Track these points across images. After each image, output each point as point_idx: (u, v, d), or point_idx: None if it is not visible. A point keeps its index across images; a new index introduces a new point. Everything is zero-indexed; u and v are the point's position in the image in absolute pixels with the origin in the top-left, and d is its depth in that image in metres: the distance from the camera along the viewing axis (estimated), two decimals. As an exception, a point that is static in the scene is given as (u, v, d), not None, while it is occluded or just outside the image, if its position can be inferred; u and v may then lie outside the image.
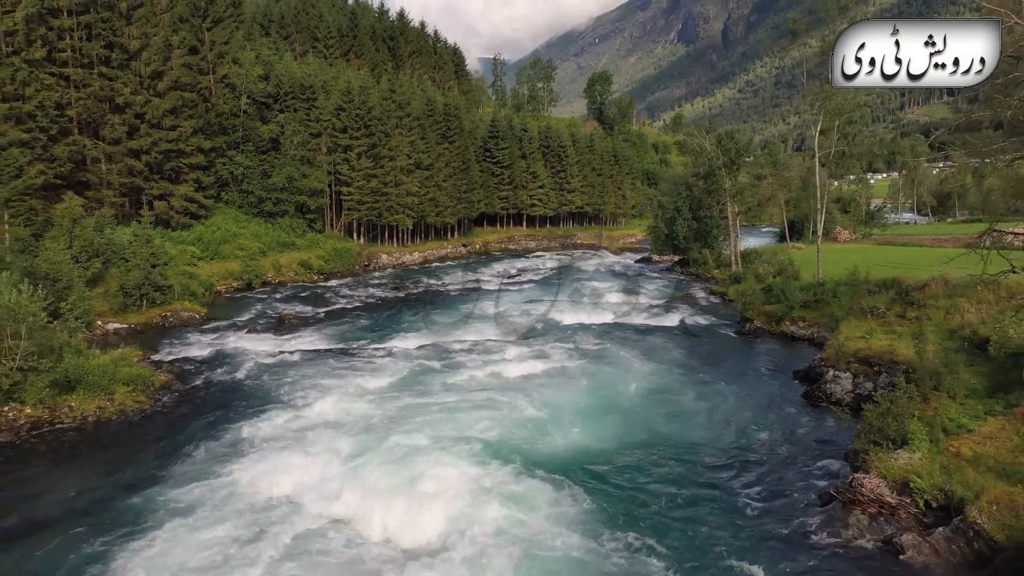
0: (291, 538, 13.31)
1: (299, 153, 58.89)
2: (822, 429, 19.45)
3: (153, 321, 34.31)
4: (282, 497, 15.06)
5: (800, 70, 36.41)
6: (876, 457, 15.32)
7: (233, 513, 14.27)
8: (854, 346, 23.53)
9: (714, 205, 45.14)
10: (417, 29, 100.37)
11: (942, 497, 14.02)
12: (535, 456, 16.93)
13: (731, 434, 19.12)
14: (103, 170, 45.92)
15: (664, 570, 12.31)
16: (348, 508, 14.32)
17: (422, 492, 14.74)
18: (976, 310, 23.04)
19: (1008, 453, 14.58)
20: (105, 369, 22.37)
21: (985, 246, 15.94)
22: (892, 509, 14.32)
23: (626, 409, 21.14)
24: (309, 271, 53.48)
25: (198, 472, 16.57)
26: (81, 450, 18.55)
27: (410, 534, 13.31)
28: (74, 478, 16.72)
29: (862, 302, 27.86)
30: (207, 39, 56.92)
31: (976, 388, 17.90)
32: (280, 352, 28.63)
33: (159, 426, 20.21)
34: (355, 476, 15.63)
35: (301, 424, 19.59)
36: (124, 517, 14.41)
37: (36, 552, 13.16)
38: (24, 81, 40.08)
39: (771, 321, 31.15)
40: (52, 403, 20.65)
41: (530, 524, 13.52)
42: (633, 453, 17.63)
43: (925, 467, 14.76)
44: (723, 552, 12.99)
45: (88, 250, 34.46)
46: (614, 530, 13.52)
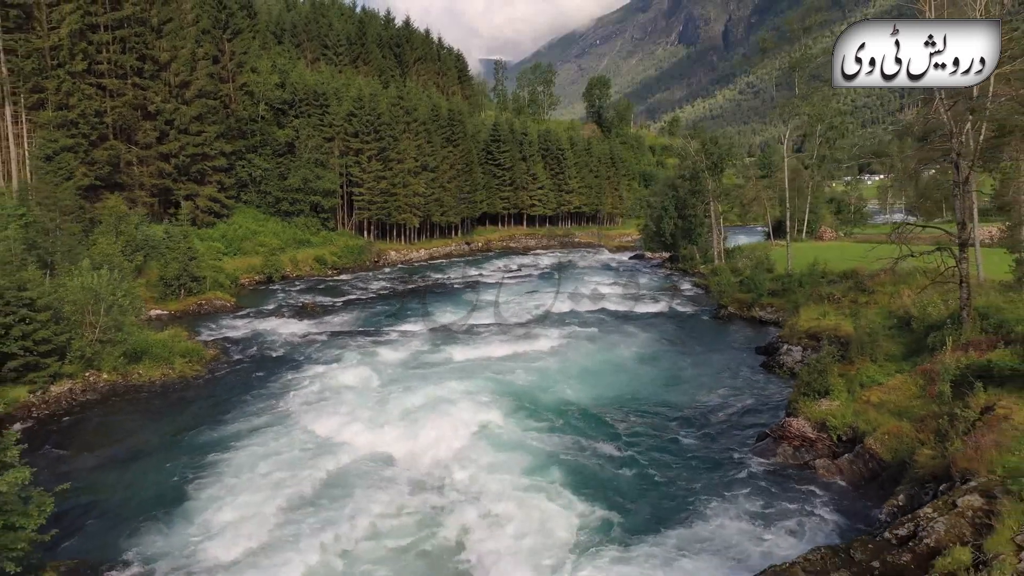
0: (333, 466, 16.92)
1: (313, 156, 62.79)
2: (771, 390, 23.25)
3: (190, 308, 38.15)
4: (322, 438, 18.75)
5: (792, 75, 39.78)
6: (804, 404, 19.12)
7: (284, 448, 17.99)
8: (806, 325, 27.38)
9: (698, 205, 48.95)
10: (422, 36, 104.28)
11: (850, 432, 17.81)
12: (528, 408, 20.73)
13: (696, 393, 22.91)
14: (136, 172, 49.79)
15: (629, 486, 16.05)
16: (376, 445, 18.02)
17: (436, 433, 18.45)
18: (911, 294, 26.81)
19: (905, 399, 18.33)
20: (165, 343, 26.26)
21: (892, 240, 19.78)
22: (812, 442, 18.11)
23: (609, 375, 24.93)
24: (323, 266, 57.34)
25: (252, 420, 20.36)
26: (154, 406, 22.39)
27: (425, 463, 16.99)
28: (152, 426, 20.55)
29: (820, 290, 31.74)
30: (227, 49, 60.84)
31: (895, 354, 21.67)
32: (307, 333, 32.48)
33: (215, 388, 24.05)
34: (380, 422, 19.38)
35: (332, 386, 23.35)
36: (195, 452, 18.10)
37: (133, 475, 16.91)
38: (68, 91, 43.98)
39: (743, 307, 34.96)
40: (124, 370, 24.49)
41: (521, 455, 17.31)
42: (613, 407, 21.41)
43: (840, 411, 18.55)
44: (679, 473, 16.75)
45: (131, 244, 38.32)
46: (591, 459, 17.30)
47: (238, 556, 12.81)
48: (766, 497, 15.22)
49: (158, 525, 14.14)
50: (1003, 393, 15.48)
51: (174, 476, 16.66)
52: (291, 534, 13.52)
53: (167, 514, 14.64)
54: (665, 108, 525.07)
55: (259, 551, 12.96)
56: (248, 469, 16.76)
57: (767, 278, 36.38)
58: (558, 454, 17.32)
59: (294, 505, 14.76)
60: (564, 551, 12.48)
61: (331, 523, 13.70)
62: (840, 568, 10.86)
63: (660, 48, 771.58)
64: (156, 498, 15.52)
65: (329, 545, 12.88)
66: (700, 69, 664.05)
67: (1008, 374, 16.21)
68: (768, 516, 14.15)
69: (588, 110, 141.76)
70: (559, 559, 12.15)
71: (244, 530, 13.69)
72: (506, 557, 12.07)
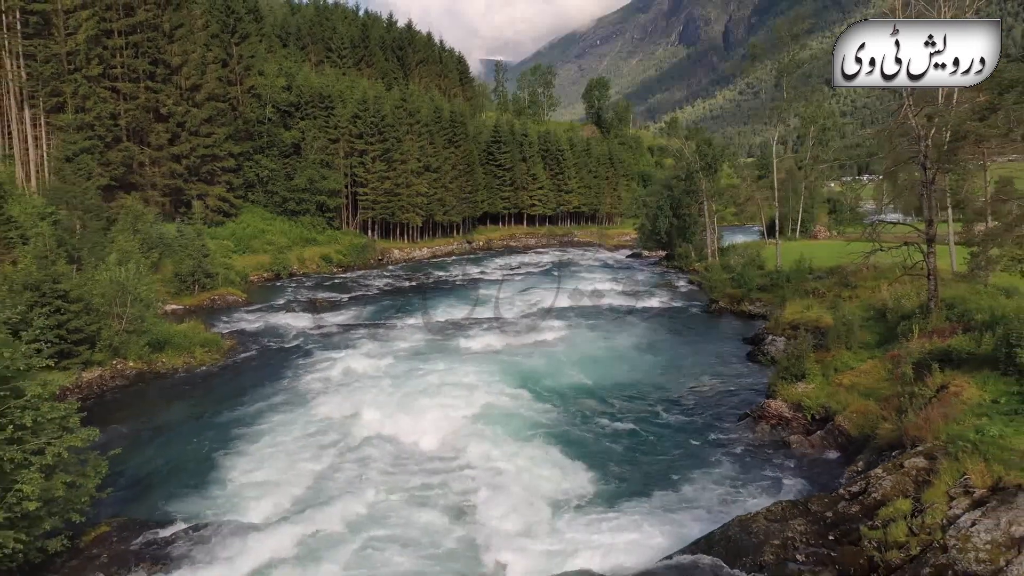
0: (347, 441, 18.54)
1: (319, 157, 64.43)
2: (755, 376, 24.84)
3: (204, 303, 39.78)
4: (337, 417, 20.32)
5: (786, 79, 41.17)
6: (782, 387, 20.75)
7: (302, 425, 19.58)
8: (790, 317, 28.98)
9: (693, 204, 50.55)
10: (424, 39, 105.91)
11: (823, 411, 19.41)
12: (529, 391, 22.34)
13: (685, 380, 24.50)
14: (148, 173, 51.42)
15: (620, 457, 17.64)
16: (387, 424, 19.55)
17: (442, 412, 20.03)
18: (889, 288, 28.42)
19: (874, 382, 19.93)
20: (185, 334, 27.90)
21: (866, 237, 21.38)
22: (788, 421, 19.71)
23: (606, 363, 26.52)
24: (329, 264, 58.98)
25: (271, 402, 21.97)
26: (179, 390, 24.01)
27: (432, 437, 18.53)
28: (179, 407, 22.16)
29: (806, 285, 33.38)
30: (235, 53, 62.48)
31: (869, 342, 23.28)
32: (317, 326, 34.10)
33: (235, 375, 25.68)
34: (390, 403, 20.95)
35: (344, 372, 24.96)
36: (220, 429, 19.67)
37: (165, 448, 18.49)
38: (85, 95, 45.62)
39: (733, 302, 36.56)
40: (149, 359, 26.11)
41: (521, 429, 18.92)
42: (608, 390, 23.01)
43: (815, 393, 20.17)
44: (665, 447, 18.34)
45: (147, 242, 39.94)
46: (587, 434, 18.90)
47: (268, 516, 14.39)
48: (743, 467, 16.82)
49: (193, 489, 15.76)
50: (958, 374, 17.07)
51: (203, 449, 18.27)
52: (312, 497, 15.12)
53: (200, 480, 16.25)
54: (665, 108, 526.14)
55: (286, 512, 14.55)
56: (270, 444, 18.38)
57: (757, 274, 37.99)
58: (556, 430, 18.94)
59: (314, 473, 16.36)
60: (559, 509, 14.08)
61: (347, 489, 15.29)
62: (797, 517, 12.46)
63: (660, 48, 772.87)
64: (189, 467, 17.13)
65: (346, 507, 14.45)
66: (700, 69, 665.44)
67: (965, 357, 17.86)
68: (743, 481, 15.74)
69: (588, 111, 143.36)
70: (554, 516, 13.76)
71: (270, 494, 15.29)
72: (504, 516, 13.67)
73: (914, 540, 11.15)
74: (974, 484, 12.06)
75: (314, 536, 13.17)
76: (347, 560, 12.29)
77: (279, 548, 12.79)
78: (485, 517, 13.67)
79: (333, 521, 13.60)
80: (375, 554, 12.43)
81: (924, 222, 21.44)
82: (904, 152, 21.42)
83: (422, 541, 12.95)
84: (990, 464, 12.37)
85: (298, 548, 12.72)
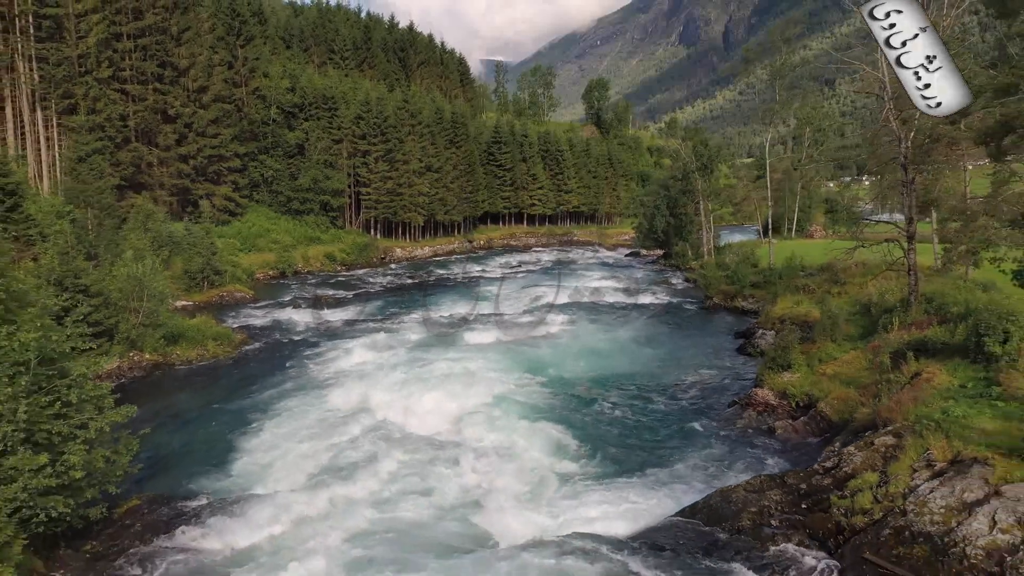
0: (357, 426, 19.57)
1: (322, 157, 65.56)
2: (745, 368, 25.94)
3: (212, 300, 40.90)
4: (346, 404, 21.38)
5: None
6: (768, 377, 21.85)
7: (313, 412, 20.66)
8: (780, 312, 30.09)
9: (689, 204, 51.65)
10: (425, 41, 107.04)
11: (807, 399, 20.52)
12: (530, 380, 23.46)
13: (678, 371, 25.61)
14: (156, 173, 52.54)
15: (614, 439, 18.75)
16: (395, 411, 20.66)
17: (446, 399, 21.13)
18: (874, 284, 29.53)
19: (855, 371, 21.04)
20: (198, 328, 29.01)
21: (850, 236, 22.47)
22: (773, 408, 20.82)
23: (603, 355, 27.63)
24: (333, 262, 60.10)
25: (283, 390, 23.08)
26: (194, 381, 25.13)
27: (436, 422, 19.64)
28: (195, 396, 23.28)
29: (797, 281, 34.48)
30: (240, 55, 63.62)
31: (853, 334, 24.38)
32: (324, 321, 35.21)
33: (247, 366, 26.79)
34: (397, 392, 22.07)
35: (351, 363, 26.07)
36: (235, 416, 20.74)
37: (184, 433, 19.60)
38: (95, 97, 46.75)
39: (727, 298, 37.68)
40: (164, 351, 27.22)
41: (521, 414, 20.03)
42: (606, 380, 24.11)
43: (800, 382, 21.28)
44: (657, 431, 19.44)
45: (157, 240, 41.06)
46: (583, 418, 20.01)
47: (285, 491, 15.49)
48: (730, 449, 17.93)
49: (215, 467, 16.88)
50: (932, 362, 18.19)
51: (221, 432, 19.39)
52: (325, 476, 16.20)
53: (221, 460, 17.37)
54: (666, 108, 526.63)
55: (301, 488, 15.63)
56: (285, 427, 19.49)
57: (750, 272, 39.10)
58: (557, 414, 20.07)
59: (328, 452, 17.46)
60: (558, 482, 15.21)
61: (359, 468, 16.39)
62: (774, 489, 13.57)
63: (661, 49, 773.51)
64: (209, 448, 18.25)
65: (358, 485, 15.55)
66: (700, 70, 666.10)
67: (939, 347, 18.98)
68: (729, 461, 16.85)
69: (587, 112, 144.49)
70: (553, 488, 14.88)
71: (286, 473, 16.40)
72: (507, 487, 14.79)
73: (878, 507, 12.27)
74: (936, 458, 13.17)
75: (332, 505, 14.29)
76: (362, 526, 13.40)
77: (299, 516, 13.92)
78: (489, 488, 14.78)
79: (348, 493, 14.72)
80: (388, 519, 13.55)
81: (905, 220, 22.52)
82: (886, 153, 22.53)
83: (431, 510, 14.07)
84: (951, 440, 13.50)
85: (317, 515, 13.84)
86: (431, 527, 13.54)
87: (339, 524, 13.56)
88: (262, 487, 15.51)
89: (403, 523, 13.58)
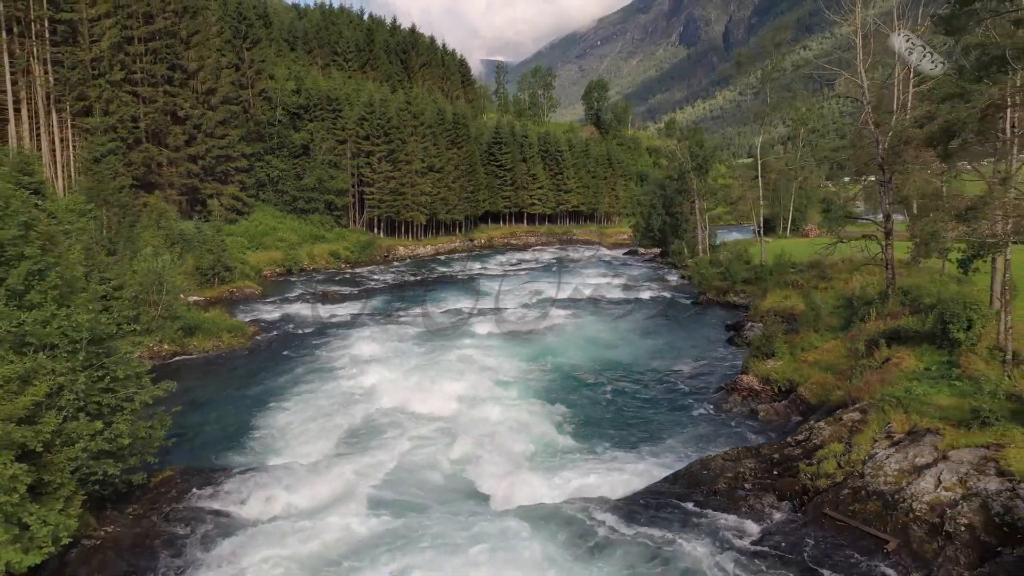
0: (368, 408, 21.04)
1: (327, 158, 67.00)
2: (734, 358, 27.34)
3: (223, 295, 42.30)
4: (357, 389, 22.80)
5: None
6: (753, 364, 23.27)
7: (326, 396, 22.06)
8: (769, 306, 31.51)
9: (684, 203, 53.05)
10: (427, 42, 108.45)
11: (788, 384, 21.93)
12: (532, 366, 24.88)
13: (671, 359, 27.03)
14: (166, 173, 53.98)
15: (608, 419, 20.14)
16: (402, 392, 22.02)
17: (450, 382, 22.54)
18: (858, 279, 30.94)
19: (834, 358, 22.45)
20: (214, 320, 30.44)
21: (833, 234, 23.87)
22: (757, 393, 22.23)
23: (600, 346, 29.05)
24: (338, 260, 61.51)
25: (296, 377, 24.50)
26: (212, 369, 26.54)
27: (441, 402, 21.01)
28: (214, 382, 24.69)
29: (786, 277, 35.89)
30: (247, 58, 65.05)
31: (835, 325, 25.78)
32: (332, 315, 36.64)
33: (261, 356, 28.22)
34: (405, 377, 23.50)
35: (360, 353, 27.44)
36: (254, 400, 22.18)
37: (207, 414, 20.96)
38: (108, 99, 48.18)
39: (720, 294, 39.11)
40: (182, 342, 28.66)
41: (521, 396, 21.46)
42: (602, 368, 25.53)
43: (782, 368, 22.69)
44: (648, 412, 20.85)
45: (170, 238, 42.48)
46: (580, 400, 21.43)
47: (306, 463, 16.91)
48: (715, 428, 19.36)
49: (239, 444, 18.31)
50: (903, 348, 19.63)
51: (240, 415, 20.83)
52: (342, 449, 17.65)
53: (242, 438, 18.79)
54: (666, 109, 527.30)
55: (321, 460, 17.05)
56: (299, 410, 20.93)
57: (742, 269, 40.51)
58: (555, 396, 21.52)
59: (341, 432, 18.88)
60: (556, 454, 16.65)
61: (371, 443, 17.83)
62: (749, 458, 15.00)
63: (661, 49, 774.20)
64: (230, 428, 19.67)
65: (369, 456, 16.98)
66: (701, 70, 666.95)
67: (911, 335, 20.42)
68: (712, 438, 18.27)
69: (587, 112, 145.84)
70: (552, 458, 16.31)
71: (306, 448, 17.83)
72: (510, 457, 16.21)
73: (840, 472, 13.71)
74: (895, 430, 14.62)
75: (348, 473, 15.71)
76: (375, 490, 14.84)
77: (317, 486, 15.33)
78: (492, 459, 16.21)
79: (363, 462, 16.16)
80: (399, 484, 14.99)
81: (883, 217, 23.93)
82: (865, 154, 23.95)
83: (438, 478, 15.50)
84: (910, 415, 14.95)
85: (337, 482, 15.27)
86: (438, 493, 14.97)
87: (355, 489, 14.99)
88: (283, 460, 16.93)
89: (412, 489, 15.01)
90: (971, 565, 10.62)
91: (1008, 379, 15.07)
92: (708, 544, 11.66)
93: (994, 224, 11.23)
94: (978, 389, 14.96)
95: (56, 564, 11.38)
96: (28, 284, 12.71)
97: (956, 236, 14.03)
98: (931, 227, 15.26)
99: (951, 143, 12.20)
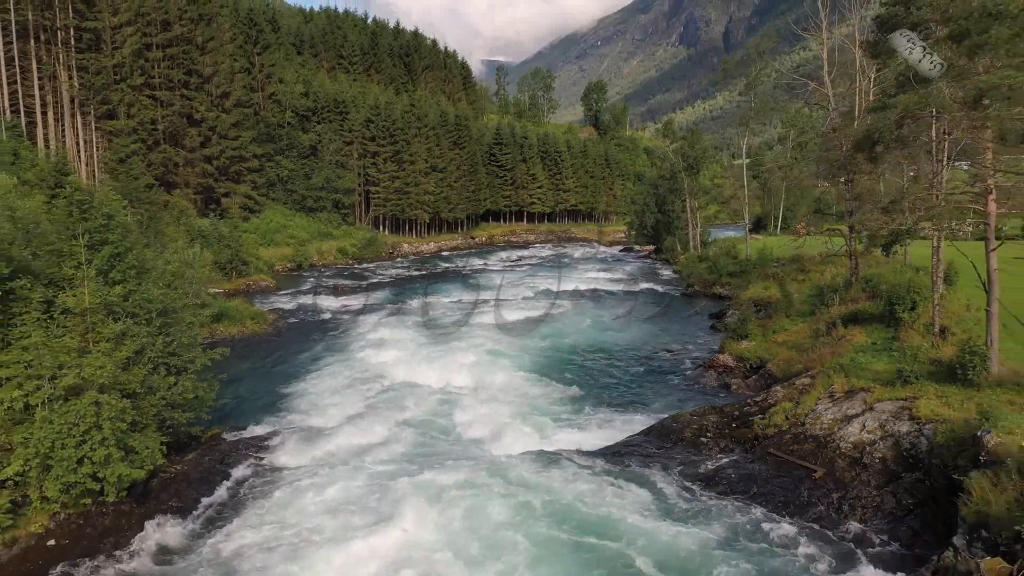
0: (384, 383, 23.69)
1: (334, 158, 69.69)
2: (714, 341, 30.00)
3: (240, 288, 44.98)
4: (373, 368, 25.47)
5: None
6: (729, 344, 25.95)
7: (345, 373, 24.71)
8: (750, 296, 34.16)
9: (676, 201, 55.70)
10: (429, 45, 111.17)
11: (759, 361, 24.55)
12: (530, 348, 27.54)
13: (657, 343, 29.69)
14: (183, 173, 56.66)
15: (596, 391, 22.76)
16: (414, 370, 24.68)
17: (458, 362, 25.20)
18: (831, 271, 33.61)
19: (800, 338, 25.09)
20: (237, 308, 33.10)
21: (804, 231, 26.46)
22: (731, 369, 24.88)
23: (593, 332, 31.72)
24: (345, 256, 64.23)
25: (316, 356, 27.17)
26: (239, 351, 29.14)
27: (449, 378, 23.70)
28: (242, 362, 27.31)
29: (768, 270, 38.57)
30: (257, 62, 67.75)
31: (805, 311, 28.44)
32: (344, 305, 39.31)
33: (283, 340, 30.90)
34: (415, 357, 26.16)
35: (373, 338, 30.07)
36: (280, 376, 24.83)
37: (240, 388, 23.59)
38: (130, 103, 50.87)
39: (707, 286, 41.79)
40: (210, 328, 31.27)
41: (519, 372, 24.12)
42: (595, 350, 28.18)
43: (754, 348, 25.35)
44: (633, 386, 23.49)
45: (189, 234, 45.15)
46: (573, 375, 24.08)
47: (333, 426, 19.55)
48: (690, 396, 22.02)
49: (273, 410, 20.99)
50: (858, 328, 22.29)
51: (273, 386, 23.52)
52: (362, 417, 20.28)
53: (276, 406, 21.46)
54: (666, 109, 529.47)
55: (345, 424, 19.69)
56: (323, 383, 23.62)
57: (729, 263, 43.19)
58: (551, 372, 24.20)
59: (360, 403, 21.53)
60: (549, 415, 19.30)
61: (392, 406, 20.49)
62: (713, 414, 17.67)
63: (661, 49, 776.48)
64: (265, 397, 22.35)
65: (392, 416, 19.63)
66: (701, 70, 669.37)
67: (867, 317, 23.10)
68: (686, 404, 20.91)
69: (586, 113, 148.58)
70: (545, 418, 18.98)
71: (331, 414, 20.47)
72: (510, 418, 18.88)
73: (786, 423, 16.38)
74: (837, 391, 17.29)
75: (373, 434, 18.38)
76: (394, 446, 17.51)
77: (345, 442, 17.99)
78: (496, 419, 18.87)
79: (385, 425, 18.83)
80: (413, 441, 17.66)
81: (846, 214, 26.58)
82: (831, 157, 26.60)
83: (449, 436, 18.16)
84: (850, 379, 17.62)
85: (361, 440, 17.92)
86: (447, 446, 17.63)
87: (378, 444, 17.66)
88: (315, 422, 19.60)
89: (430, 440, 17.67)
90: (879, 486, 13.29)
91: (933, 348, 17.73)
92: (670, 475, 14.32)
93: (906, 216, 13.80)
94: (907, 356, 17.62)
95: (142, 489, 14.03)
96: (111, 264, 15.36)
97: (879, 225, 16.59)
98: (863, 219, 17.83)
99: (875, 148, 14.79)
